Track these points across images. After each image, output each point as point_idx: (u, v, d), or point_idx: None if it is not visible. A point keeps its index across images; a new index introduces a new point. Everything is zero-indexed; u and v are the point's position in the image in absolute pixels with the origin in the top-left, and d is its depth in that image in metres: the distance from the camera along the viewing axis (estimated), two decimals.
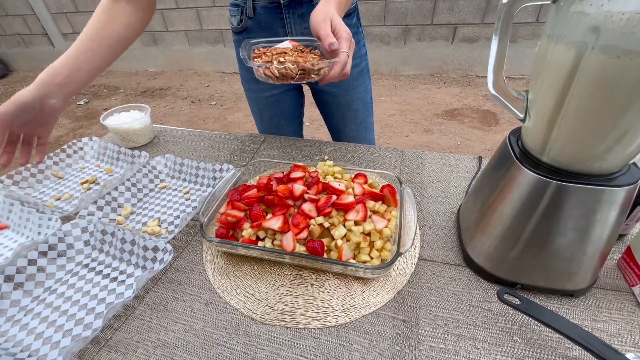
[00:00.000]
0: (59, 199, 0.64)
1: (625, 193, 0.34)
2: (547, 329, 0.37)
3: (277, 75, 0.50)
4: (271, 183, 0.54)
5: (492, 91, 0.36)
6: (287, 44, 0.57)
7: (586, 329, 0.36)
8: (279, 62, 0.50)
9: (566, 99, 0.31)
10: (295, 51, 0.55)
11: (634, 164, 0.36)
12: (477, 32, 2.66)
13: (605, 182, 0.34)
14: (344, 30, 0.49)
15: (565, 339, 0.36)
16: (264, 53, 0.55)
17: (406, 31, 2.74)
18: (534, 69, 0.35)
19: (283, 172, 0.57)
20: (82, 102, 3.02)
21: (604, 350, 0.32)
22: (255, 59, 0.52)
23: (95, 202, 0.59)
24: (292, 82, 0.51)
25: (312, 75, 0.51)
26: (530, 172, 0.36)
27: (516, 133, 0.42)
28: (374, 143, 0.91)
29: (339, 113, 0.84)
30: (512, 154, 0.39)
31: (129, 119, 0.79)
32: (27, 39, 3.63)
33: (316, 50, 0.58)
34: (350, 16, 0.72)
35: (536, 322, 0.37)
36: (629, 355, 0.32)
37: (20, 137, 0.60)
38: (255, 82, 0.80)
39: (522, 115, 0.37)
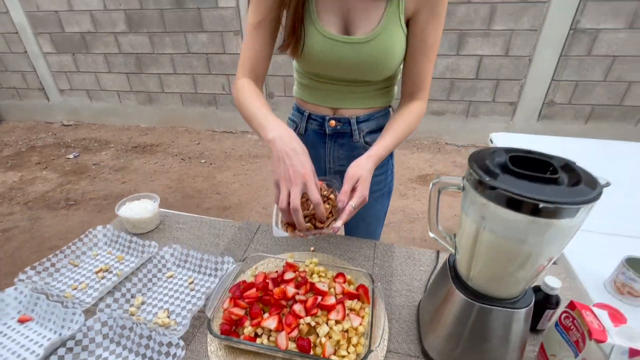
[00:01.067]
0: (75, 288, 0.73)
1: (524, 313, 0.49)
2: None
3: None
4: (267, 281, 0.65)
5: (430, 234, 0.51)
6: None
7: None
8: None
9: (475, 251, 0.46)
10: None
11: (530, 288, 0.51)
12: (444, 107, 3.03)
13: (510, 305, 0.49)
14: (361, 191, 0.61)
15: None
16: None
17: None
18: (459, 223, 0.51)
19: (277, 272, 0.69)
20: (71, 156, 3.09)
21: None
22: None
23: (112, 294, 0.68)
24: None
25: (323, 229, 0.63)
26: (461, 295, 0.50)
27: (453, 257, 0.58)
28: (378, 239, 1.02)
29: (352, 220, 0.92)
30: (449, 276, 0.53)
31: (140, 208, 0.90)
32: (22, 92, 3.76)
33: (333, 196, 0.68)
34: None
35: None
36: None
37: None
38: None
39: (453, 250, 0.52)
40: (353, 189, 0.63)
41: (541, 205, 0.36)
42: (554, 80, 2.76)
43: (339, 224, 0.60)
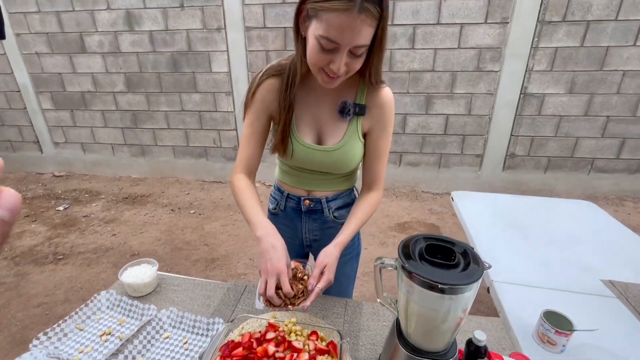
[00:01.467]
0: (82, 351, 0.83)
1: None
2: None
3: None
4: (252, 340, 0.78)
5: (378, 300, 0.67)
6: (292, 264, 0.86)
7: None
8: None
9: (408, 314, 0.61)
10: (293, 276, 0.80)
11: (455, 341, 0.66)
12: (418, 158, 3.32)
13: (441, 357, 0.63)
14: (327, 275, 0.78)
15: None
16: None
17: None
18: (399, 292, 0.67)
19: (260, 332, 0.82)
20: (61, 208, 3.15)
21: None
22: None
23: (116, 356, 0.78)
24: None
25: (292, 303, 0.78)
26: (403, 350, 0.65)
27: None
28: (351, 297, 1.17)
29: None
30: (396, 335, 0.68)
31: (141, 273, 1.03)
32: (16, 145, 3.89)
33: (306, 277, 0.82)
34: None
35: None
36: None
37: None
38: None
39: (396, 313, 0.67)
40: (322, 273, 0.80)
41: (443, 287, 0.53)
42: (512, 135, 3.10)
43: (307, 303, 0.76)
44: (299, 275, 0.83)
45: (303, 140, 0.88)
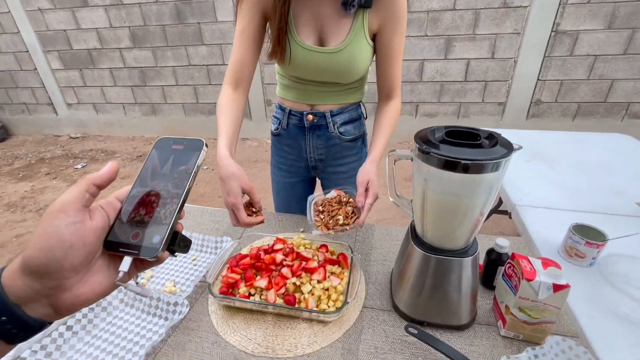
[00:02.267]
0: None
1: (471, 261, 0.58)
2: (438, 352, 0.57)
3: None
4: (260, 253, 0.75)
5: (390, 199, 0.61)
6: (333, 193, 0.83)
7: (463, 352, 0.57)
8: (333, 227, 0.74)
9: (424, 211, 0.56)
10: (338, 202, 0.80)
11: (475, 240, 0.61)
12: (436, 109, 3.15)
13: (460, 255, 0.58)
14: (372, 190, 0.75)
15: (447, 357, 0.56)
16: (321, 210, 0.79)
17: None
18: (412, 189, 0.61)
19: (269, 245, 0.79)
20: (79, 166, 3.22)
21: None
22: (317, 220, 0.77)
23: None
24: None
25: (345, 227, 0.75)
26: (419, 250, 0.60)
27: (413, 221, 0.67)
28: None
29: None
30: (410, 237, 0.63)
31: None
32: (32, 107, 3.93)
33: (352, 199, 0.81)
34: (356, 140, 0.97)
35: (430, 346, 0.58)
36: None
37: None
38: (279, 170, 1.05)
39: (411, 214, 0.62)
40: (366, 190, 0.76)
41: (466, 163, 0.47)
42: (539, 80, 2.87)
43: (362, 218, 0.73)
44: (344, 200, 0.81)
45: (302, 41, 0.78)
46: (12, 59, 3.65)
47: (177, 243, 0.34)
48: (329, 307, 0.66)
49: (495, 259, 0.68)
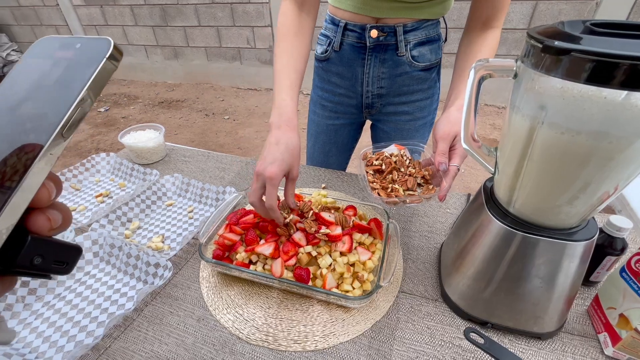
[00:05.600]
0: (74, 210, 0.70)
1: (583, 247, 0.37)
2: None
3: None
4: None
5: (464, 145, 0.40)
6: (393, 149, 0.61)
7: None
8: (388, 194, 0.54)
9: (525, 162, 0.34)
10: (400, 166, 0.58)
11: (593, 218, 0.39)
12: None
13: (566, 237, 0.37)
14: (460, 150, 0.52)
15: None
16: (376, 165, 0.58)
17: None
18: (502, 130, 0.39)
19: (279, 199, 0.61)
20: (102, 110, 3.16)
21: None
22: (372, 183, 0.56)
23: (107, 216, 0.64)
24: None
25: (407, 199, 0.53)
26: (498, 222, 0.40)
27: (491, 181, 0.46)
28: None
29: None
30: (484, 203, 0.42)
31: (145, 137, 0.85)
32: None
33: (418, 161, 0.60)
34: (431, 70, 0.73)
35: None
36: None
37: None
38: (322, 108, 0.83)
39: (492, 169, 0.41)
40: (451, 149, 0.53)
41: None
42: None
43: (445, 187, 0.50)
44: (404, 161, 0.58)
45: None
46: None
47: (28, 254, 0.16)
48: (353, 288, 0.48)
49: (603, 244, 0.47)
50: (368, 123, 0.90)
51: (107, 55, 0.17)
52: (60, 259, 0.18)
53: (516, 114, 0.34)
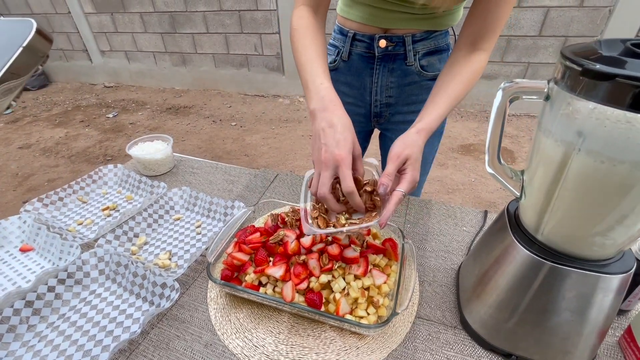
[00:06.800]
0: (81, 223, 0.69)
1: (619, 281, 0.35)
2: None
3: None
4: (279, 226, 0.56)
5: (489, 169, 0.38)
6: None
7: None
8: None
9: (557, 188, 0.32)
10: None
11: (630, 250, 0.37)
12: (497, 69, 2.69)
13: (599, 269, 0.35)
14: (412, 174, 0.47)
15: None
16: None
17: None
18: (530, 153, 0.37)
19: (286, 213, 0.59)
20: (110, 116, 3.19)
21: None
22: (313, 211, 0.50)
23: (114, 231, 0.63)
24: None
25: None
26: (524, 250, 0.37)
27: (515, 204, 0.44)
28: (419, 196, 0.89)
29: None
30: (509, 227, 0.40)
31: (152, 149, 0.84)
32: (68, 54, 3.91)
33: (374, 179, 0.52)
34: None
35: None
36: None
37: None
38: None
39: (518, 193, 0.38)
40: (400, 171, 0.48)
41: None
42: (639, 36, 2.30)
43: (386, 215, 0.44)
44: (362, 183, 0.50)
45: None
46: (46, 1, 3.57)
47: None
48: (368, 314, 0.46)
49: (636, 272, 0.44)
50: (376, 132, 0.89)
51: (30, 36, 0.15)
52: None
53: (548, 138, 0.32)
